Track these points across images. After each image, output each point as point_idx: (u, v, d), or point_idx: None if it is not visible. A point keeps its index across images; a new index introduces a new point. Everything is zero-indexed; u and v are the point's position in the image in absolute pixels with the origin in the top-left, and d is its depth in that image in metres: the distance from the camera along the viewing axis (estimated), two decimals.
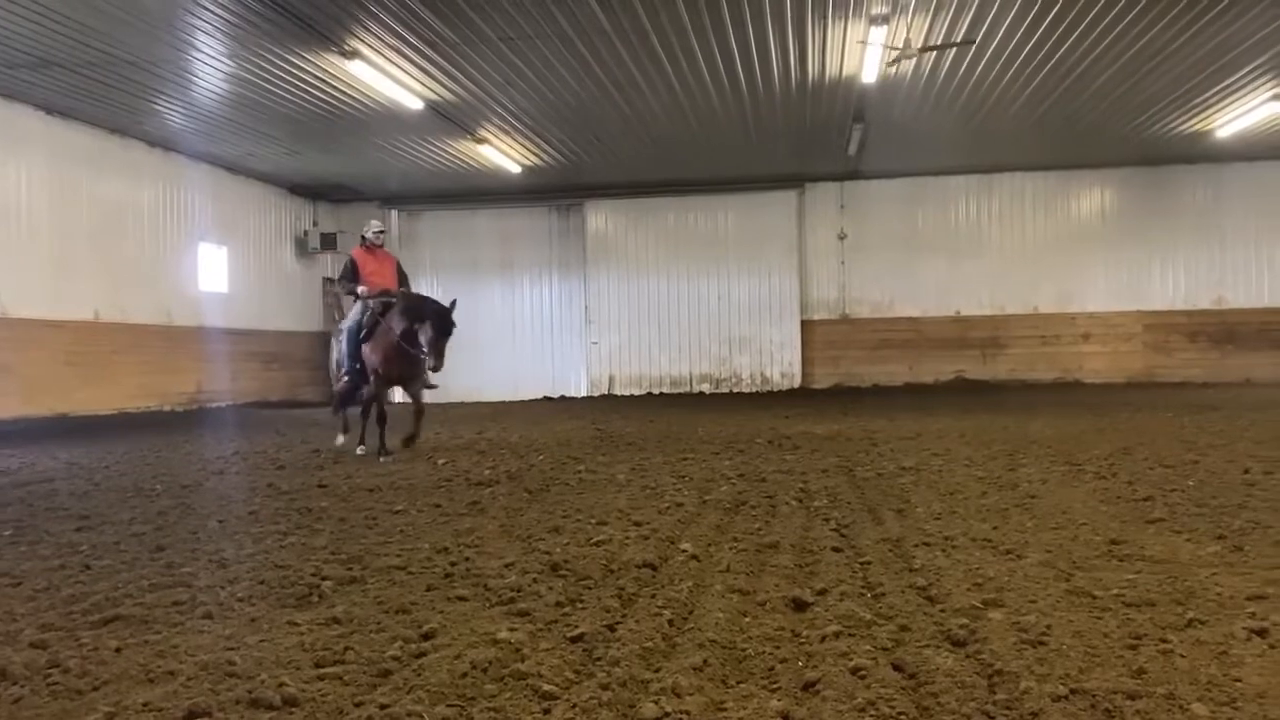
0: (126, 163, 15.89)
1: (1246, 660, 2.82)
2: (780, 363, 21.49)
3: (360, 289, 9.75)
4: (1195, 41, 12.25)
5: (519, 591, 3.86)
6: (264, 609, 3.74)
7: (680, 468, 7.85)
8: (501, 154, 17.41)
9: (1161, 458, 7.65)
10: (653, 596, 3.75)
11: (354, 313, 9.85)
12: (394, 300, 9.57)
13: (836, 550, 4.52)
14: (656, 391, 21.51)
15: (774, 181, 21.06)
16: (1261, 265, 20.19)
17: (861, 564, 4.23)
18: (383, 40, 11.60)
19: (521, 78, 13.17)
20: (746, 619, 3.45)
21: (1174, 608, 3.39)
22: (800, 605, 3.58)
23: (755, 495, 6.28)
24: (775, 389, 21.24)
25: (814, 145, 17.92)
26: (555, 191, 21.14)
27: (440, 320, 9.07)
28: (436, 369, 9.12)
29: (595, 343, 21.79)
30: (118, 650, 3.24)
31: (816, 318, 21.50)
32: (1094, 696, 2.54)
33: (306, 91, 13.55)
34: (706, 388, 21.60)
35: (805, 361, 21.40)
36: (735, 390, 21.39)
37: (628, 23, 11.22)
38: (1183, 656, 2.86)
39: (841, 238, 21.40)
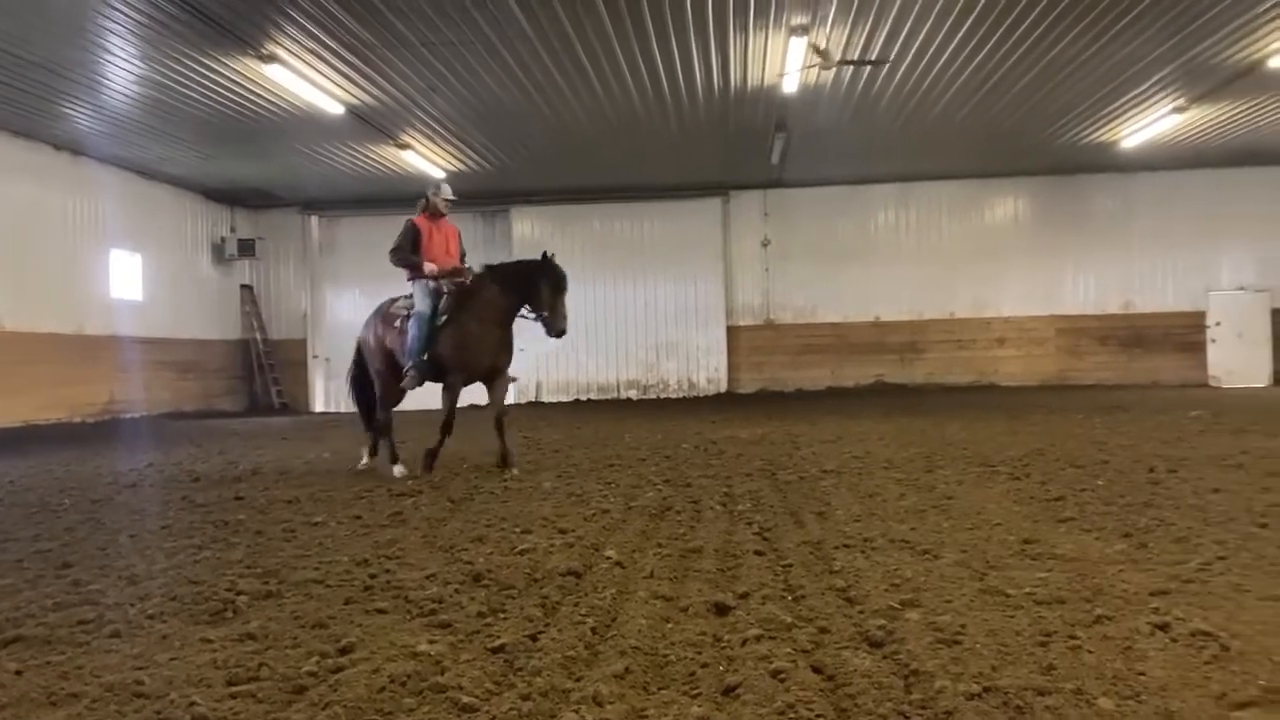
0: (33, 166, 15.32)
1: (1150, 654, 2.91)
2: (706, 368, 21.64)
3: (428, 266, 8.28)
4: (1103, 54, 12.67)
5: (440, 603, 3.81)
6: (175, 626, 3.63)
7: (607, 474, 7.83)
8: (425, 159, 17.22)
9: (1073, 458, 7.87)
10: (576, 604, 3.73)
11: (421, 295, 8.28)
12: (467, 279, 8.35)
13: (759, 554, 4.55)
14: (584, 398, 21.47)
15: (699, 189, 21.23)
16: (1166, 271, 20.95)
17: (783, 567, 4.27)
18: (301, 44, 11.39)
19: (444, 82, 13.05)
20: (669, 625, 3.46)
21: (1083, 605, 3.48)
22: (722, 609, 3.60)
23: (681, 500, 6.30)
24: (702, 394, 21.37)
25: (738, 153, 18.09)
26: (480, 198, 20.96)
27: (555, 275, 8.07)
28: (563, 332, 8.21)
29: (522, 349, 21.58)
30: (18, 673, 3.11)
31: (742, 323, 21.70)
32: (1006, 694, 2.60)
33: (222, 95, 13.23)
34: (634, 394, 21.64)
35: (731, 367, 21.59)
36: (663, 396, 21.47)
37: (550, 28, 11.19)
38: (1090, 652, 2.94)
39: (765, 245, 21.65)
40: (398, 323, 8.42)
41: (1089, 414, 12.83)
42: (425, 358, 8.15)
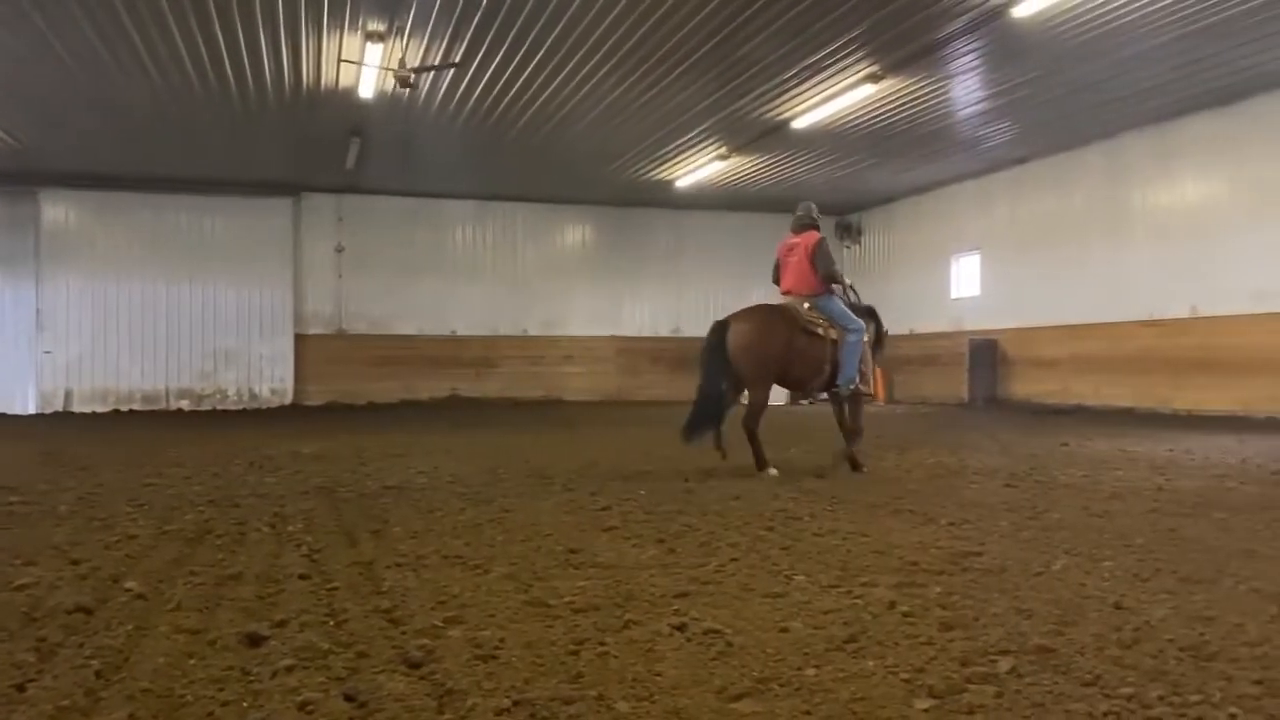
0: None
1: (667, 655, 3.14)
2: (271, 378, 20.44)
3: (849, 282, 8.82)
4: (659, 99, 13.83)
5: None
6: None
7: (141, 494, 7.05)
8: None
9: (621, 470, 8.43)
10: (81, 645, 3.27)
11: (851, 311, 8.48)
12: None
13: (304, 578, 4.31)
14: (125, 409, 19.29)
15: (268, 187, 20.06)
16: (710, 301, 23.29)
17: (328, 590, 4.08)
18: None
19: None
20: (192, 661, 3.14)
21: (614, 610, 3.69)
22: (255, 640, 3.35)
23: (224, 522, 5.82)
24: (265, 406, 20.15)
25: (311, 155, 17.36)
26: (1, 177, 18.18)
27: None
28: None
29: (48, 352, 19.01)
30: None
31: (311, 332, 20.80)
32: (534, 705, 2.66)
33: None
34: (186, 404, 19.86)
35: (298, 378, 20.59)
36: (220, 408, 19.93)
37: None
38: (616, 657, 3.12)
39: (339, 251, 20.97)
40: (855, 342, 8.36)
41: (641, 428, 13.86)
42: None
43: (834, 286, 8.44)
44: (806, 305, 8.27)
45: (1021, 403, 18.13)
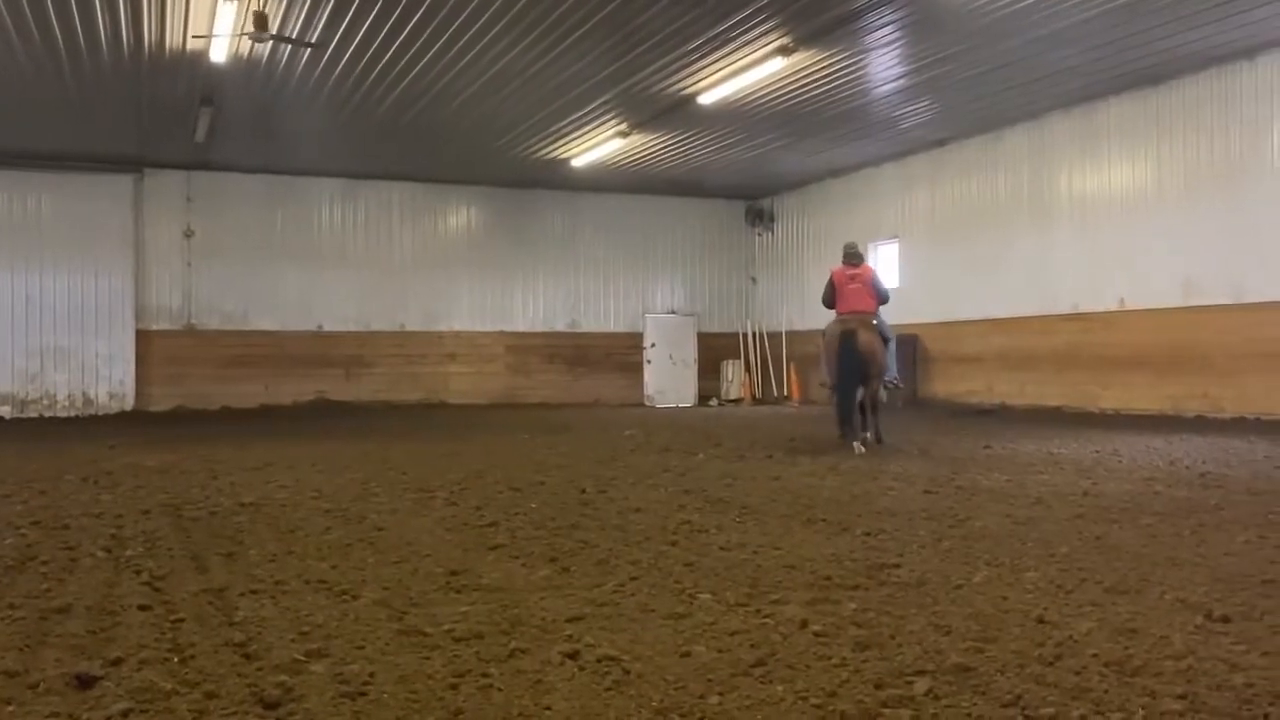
0: None
1: (557, 686, 3.13)
2: (109, 381, 19.73)
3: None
4: (551, 70, 13.78)
5: None
6: None
7: None
8: None
9: (511, 480, 8.39)
10: None
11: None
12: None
13: (144, 608, 4.17)
14: None
15: (104, 163, 19.36)
16: (609, 293, 23.39)
17: (173, 622, 3.96)
18: None
19: None
20: (10, 708, 3.01)
21: (500, 638, 3.67)
22: (86, 682, 3.22)
23: (51, 547, 5.59)
24: (102, 412, 19.44)
25: (155, 125, 16.81)
26: None
27: None
28: None
29: None
30: None
31: (156, 328, 20.15)
32: None
33: None
34: (8, 411, 19.00)
35: (141, 380, 19.92)
36: (49, 414, 19.15)
37: None
38: (500, 690, 3.10)
39: (189, 236, 20.37)
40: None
41: (533, 433, 13.82)
42: None
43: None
44: (875, 321, 11.36)
45: (943, 402, 18.66)
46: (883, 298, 11.63)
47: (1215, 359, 14.13)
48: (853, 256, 11.82)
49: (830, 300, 11.64)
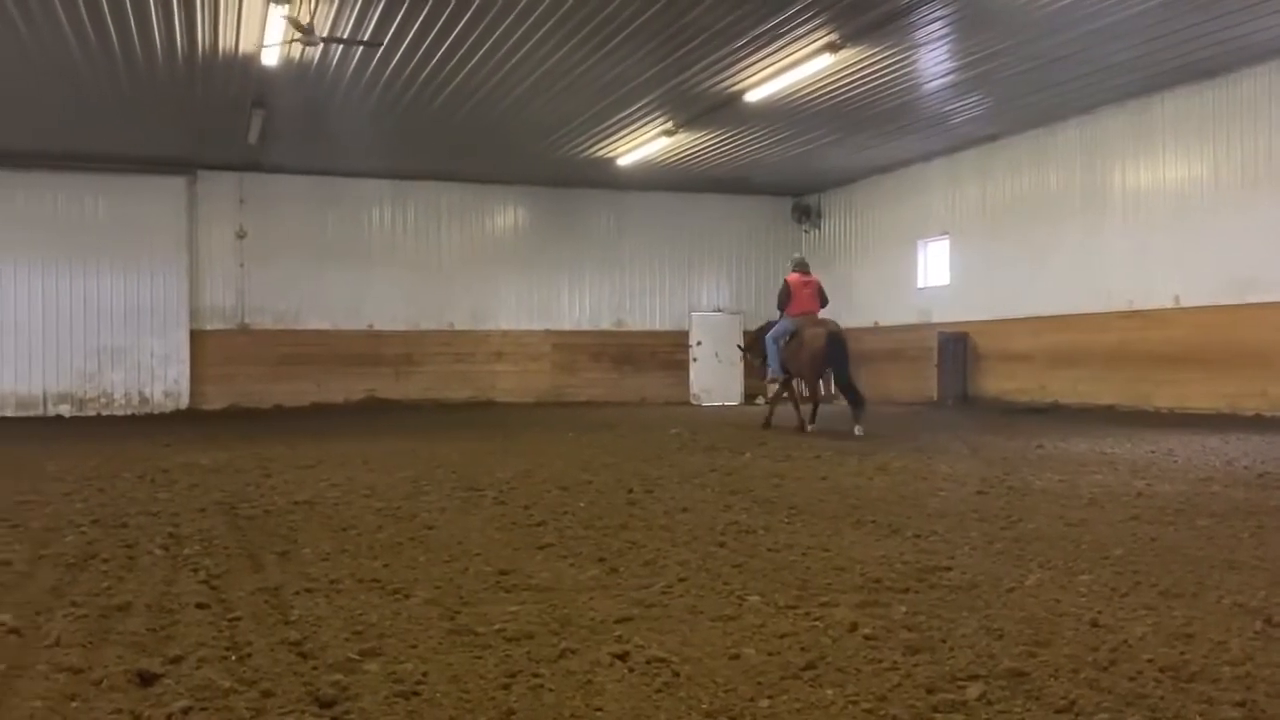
0: None
1: (607, 687, 3.15)
2: (164, 380, 20.09)
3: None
4: (598, 69, 13.83)
5: None
6: None
7: (15, 514, 6.89)
8: None
9: (559, 479, 8.43)
10: None
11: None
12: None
13: (202, 607, 4.25)
14: None
15: (159, 165, 19.70)
16: (654, 291, 23.41)
17: (230, 621, 4.03)
18: None
19: None
20: (74, 704, 3.09)
21: (550, 638, 3.69)
22: (147, 679, 3.29)
23: (111, 545, 5.72)
24: (157, 411, 19.81)
25: (208, 128, 17.09)
26: None
27: None
28: None
29: None
30: None
31: (210, 328, 20.48)
32: None
33: None
34: (67, 409, 19.42)
35: (195, 379, 20.27)
36: (106, 413, 19.55)
37: None
38: (551, 690, 3.12)
39: (241, 237, 20.67)
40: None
41: (579, 432, 13.87)
42: None
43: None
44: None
45: (994, 401, 18.47)
46: (824, 302, 13.99)
47: (1273, 357, 13.84)
48: (802, 266, 14.15)
49: (785, 302, 13.75)
